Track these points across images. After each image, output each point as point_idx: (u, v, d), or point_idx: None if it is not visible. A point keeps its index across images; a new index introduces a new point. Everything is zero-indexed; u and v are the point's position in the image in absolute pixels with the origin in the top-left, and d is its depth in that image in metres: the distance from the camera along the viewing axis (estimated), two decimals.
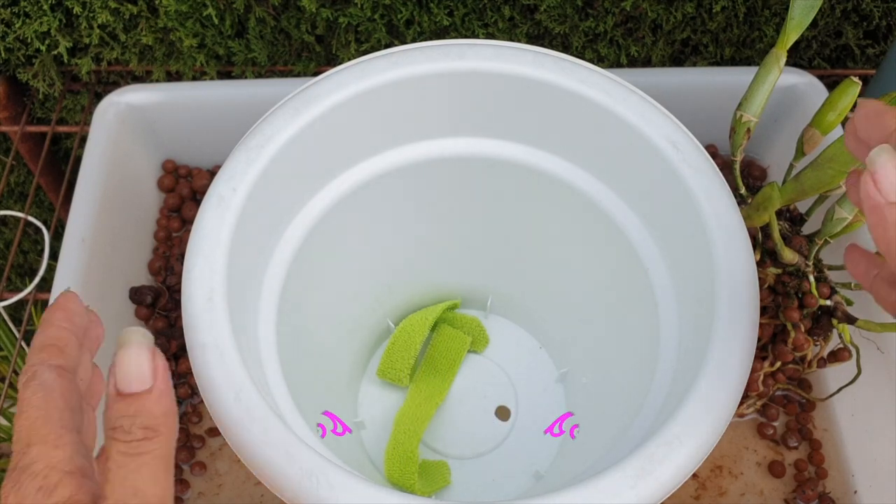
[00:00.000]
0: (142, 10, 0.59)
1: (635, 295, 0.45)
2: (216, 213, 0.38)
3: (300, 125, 0.41)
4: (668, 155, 0.40)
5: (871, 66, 0.64)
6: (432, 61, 0.42)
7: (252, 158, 0.40)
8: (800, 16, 0.45)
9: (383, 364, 0.52)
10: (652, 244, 0.44)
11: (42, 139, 0.66)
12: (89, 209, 0.52)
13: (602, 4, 0.59)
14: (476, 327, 0.55)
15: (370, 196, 0.47)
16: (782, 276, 0.48)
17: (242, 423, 0.33)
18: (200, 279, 0.36)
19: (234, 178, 0.39)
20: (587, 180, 0.46)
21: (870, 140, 0.30)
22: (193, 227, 0.38)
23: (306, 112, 0.41)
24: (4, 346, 0.75)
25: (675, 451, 0.34)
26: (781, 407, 0.52)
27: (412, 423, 0.50)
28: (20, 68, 0.63)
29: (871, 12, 0.59)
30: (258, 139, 0.40)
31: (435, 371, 0.53)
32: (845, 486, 0.50)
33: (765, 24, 0.60)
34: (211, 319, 0.35)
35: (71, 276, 0.49)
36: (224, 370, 0.34)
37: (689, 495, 0.50)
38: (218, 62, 0.63)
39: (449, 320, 0.55)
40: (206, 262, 0.37)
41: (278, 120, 0.41)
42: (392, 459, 0.49)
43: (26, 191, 0.74)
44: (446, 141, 0.47)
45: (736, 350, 0.36)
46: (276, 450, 0.33)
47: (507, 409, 0.52)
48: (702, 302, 0.39)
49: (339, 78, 0.42)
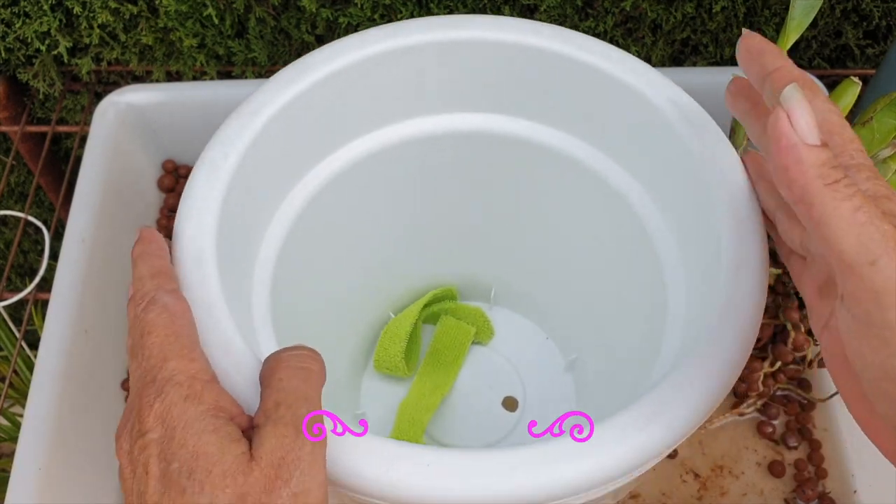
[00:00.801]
0: (142, 10, 0.59)
1: (642, 270, 0.43)
2: (207, 179, 0.37)
3: (295, 92, 0.40)
4: (669, 116, 0.39)
5: (870, 66, 0.64)
6: (431, 30, 0.41)
7: (245, 125, 0.38)
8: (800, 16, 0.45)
9: (377, 356, 0.52)
10: (658, 216, 0.43)
11: (42, 139, 0.66)
12: (89, 209, 0.52)
13: (602, 4, 0.59)
14: (480, 318, 0.54)
15: (365, 175, 0.45)
16: (782, 276, 0.48)
17: (229, 376, 0.32)
18: (190, 241, 0.35)
19: (226, 144, 0.38)
20: (587, 151, 0.45)
21: (748, 74, 0.30)
22: (183, 193, 0.37)
23: (302, 80, 0.40)
24: (4, 346, 0.75)
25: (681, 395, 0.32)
26: (782, 407, 0.52)
27: (416, 412, 0.49)
28: (20, 68, 0.63)
29: (871, 12, 0.60)
30: (252, 106, 0.39)
31: (439, 363, 0.53)
32: (845, 485, 0.50)
33: (765, 25, 0.60)
34: (201, 276, 0.34)
35: (71, 275, 0.49)
36: (213, 325, 0.33)
37: (690, 495, 0.50)
38: (218, 62, 0.63)
39: (452, 311, 0.55)
40: (196, 225, 0.36)
41: (273, 87, 0.40)
42: None
43: (26, 191, 0.74)
44: (445, 117, 0.45)
45: (743, 307, 0.34)
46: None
47: (515, 400, 0.52)
48: (708, 272, 0.37)
49: (338, 47, 0.41)
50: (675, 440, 0.32)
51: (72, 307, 0.48)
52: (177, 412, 0.27)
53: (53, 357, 0.46)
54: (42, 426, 0.44)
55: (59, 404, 0.45)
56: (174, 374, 0.28)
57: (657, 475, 0.50)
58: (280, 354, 0.30)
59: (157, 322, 0.29)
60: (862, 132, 0.41)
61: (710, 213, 0.37)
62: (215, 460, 0.26)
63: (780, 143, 0.27)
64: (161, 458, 0.27)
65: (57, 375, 0.46)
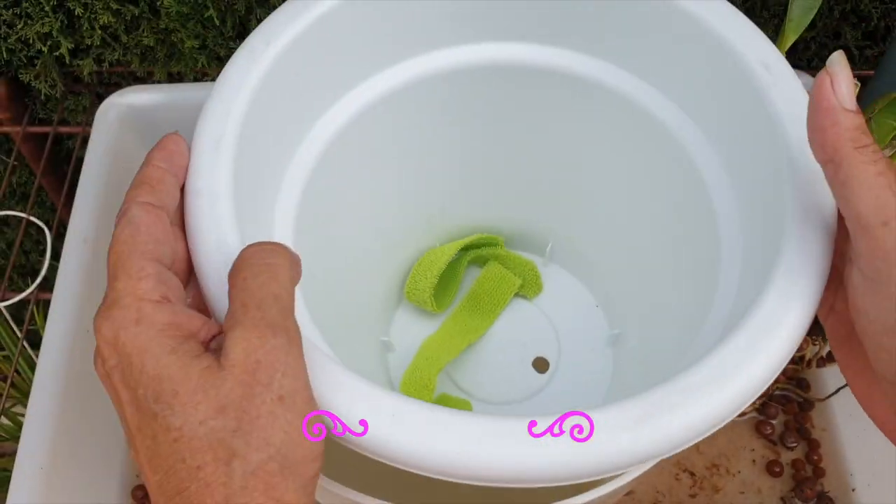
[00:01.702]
0: (143, 11, 0.59)
1: (695, 224, 0.40)
2: (244, 63, 0.35)
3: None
4: (760, 78, 0.35)
5: (869, 68, 0.64)
6: None
7: (295, 15, 0.36)
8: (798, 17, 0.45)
9: (408, 286, 0.50)
10: (718, 165, 0.39)
11: (44, 140, 0.66)
12: (91, 209, 0.52)
13: None
14: (530, 271, 0.52)
15: (419, 96, 0.42)
16: None
17: (220, 275, 0.30)
18: (213, 121, 0.33)
19: (269, 34, 0.35)
20: (644, 89, 0.41)
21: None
22: (219, 77, 0.35)
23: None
24: (6, 346, 0.75)
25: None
26: (780, 406, 0.53)
27: (437, 352, 0.48)
28: (22, 69, 0.63)
29: (870, 13, 0.60)
30: (299, 4, 0.36)
31: (476, 308, 0.51)
32: (843, 485, 0.50)
33: (763, 26, 0.60)
34: (213, 163, 0.32)
35: (73, 276, 0.49)
36: (212, 218, 0.31)
37: (685, 493, 0.50)
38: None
39: (501, 258, 0.52)
40: (223, 104, 0.33)
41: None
42: (408, 384, 0.47)
43: (28, 191, 0.74)
44: (489, 45, 0.42)
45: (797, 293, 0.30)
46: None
47: (547, 362, 0.49)
48: (766, 253, 0.33)
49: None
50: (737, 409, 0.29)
51: (73, 307, 0.48)
52: (128, 337, 0.26)
53: (55, 357, 0.47)
54: (44, 426, 0.45)
55: (60, 404, 0.45)
56: (120, 297, 0.27)
57: (652, 473, 0.51)
58: (244, 252, 0.28)
59: (118, 237, 0.28)
60: None
61: (776, 163, 0.33)
62: (179, 380, 0.25)
63: (821, 104, 0.28)
64: (126, 385, 0.26)
65: (58, 375, 0.46)
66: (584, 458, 0.27)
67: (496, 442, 0.27)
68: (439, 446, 0.27)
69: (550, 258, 0.53)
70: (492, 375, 0.49)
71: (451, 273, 0.51)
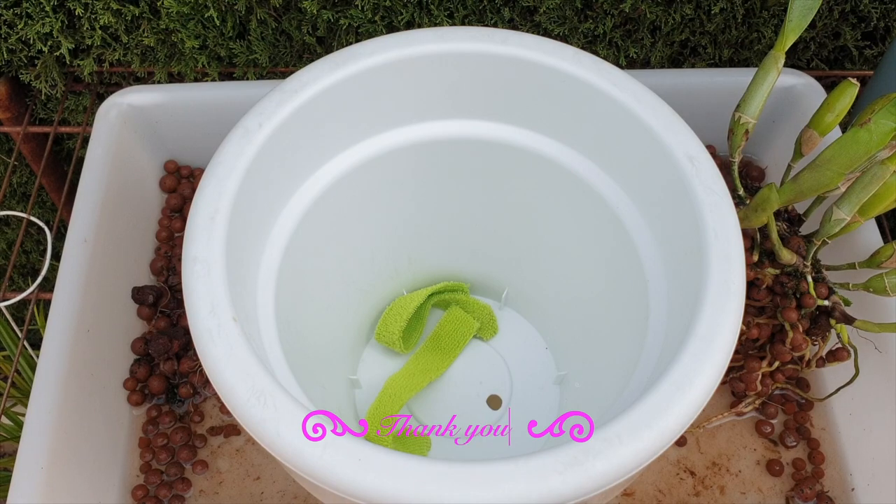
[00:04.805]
0: (144, 11, 0.59)
1: (627, 276, 0.45)
2: (238, 144, 0.39)
3: (339, 77, 0.42)
4: (685, 171, 0.40)
5: (868, 68, 0.64)
6: (476, 41, 0.43)
7: (284, 100, 0.40)
8: (798, 17, 0.45)
9: (379, 328, 0.54)
10: (642, 223, 0.44)
11: (44, 140, 0.66)
12: (91, 209, 0.52)
13: (601, 6, 0.59)
14: (487, 315, 0.55)
15: (389, 165, 0.47)
16: (780, 277, 0.48)
17: (211, 336, 0.34)
18: (209, 198, 0.37)
19: (262, 115, 0.40)
20: (591, 168, 0.46)
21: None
22: (214, 155, 0.39)
23: (346, 67, 0.42)
24: (7, 346, 0.75)
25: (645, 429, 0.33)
26: (780, 406, 0.53)
27: (400, 389, 0.51)
28: (22, 69, 0.63)
29: (870, 13, 0.60)
30: (294, 84, 0.41)
31: (437, 348, 0.54)
32: (843, 484, 0.50)
33: (763, 26, 0.60)
34: (209, 235, 0.36)
35: (73, 275, 0.49)
36: (207, 284, 0.35)
37: (687, 493, 0.50)
38: (220, 63, 0.63)
39: (462, 303, 0.56)
40: (217, 183, 0.38)
41: (317, 70, 0.42)
42: (372, 419, 0.49)
43: (29, 191, 0.74)
44: (476, 123, 0.47)
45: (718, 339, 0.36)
46: (234, 368, 0.34)
47: (500, 399, 0.53)
48: (684, 319, 0.39)
49: (382, 43, 0.43)
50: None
51: (74, 307, 0.48)
52: None
53: (55, 356, 0.47)
54: (44, 425, 0.45)
55: (61, 403, 0.46)
56: None
57: (653, 472, 0.51)
58: None
59: None
60: (860, 133, 0.41)
61: (695, 242, 0.39)
62: None
63: None
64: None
65: (59, 375, 0.46)
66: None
67: (446, 484, 0.31)
68: (393, 482, 0.31)
69: (506, 303, 0.57)
70: (447, 410, 0.53)
71: (417, 316, 0.55)
